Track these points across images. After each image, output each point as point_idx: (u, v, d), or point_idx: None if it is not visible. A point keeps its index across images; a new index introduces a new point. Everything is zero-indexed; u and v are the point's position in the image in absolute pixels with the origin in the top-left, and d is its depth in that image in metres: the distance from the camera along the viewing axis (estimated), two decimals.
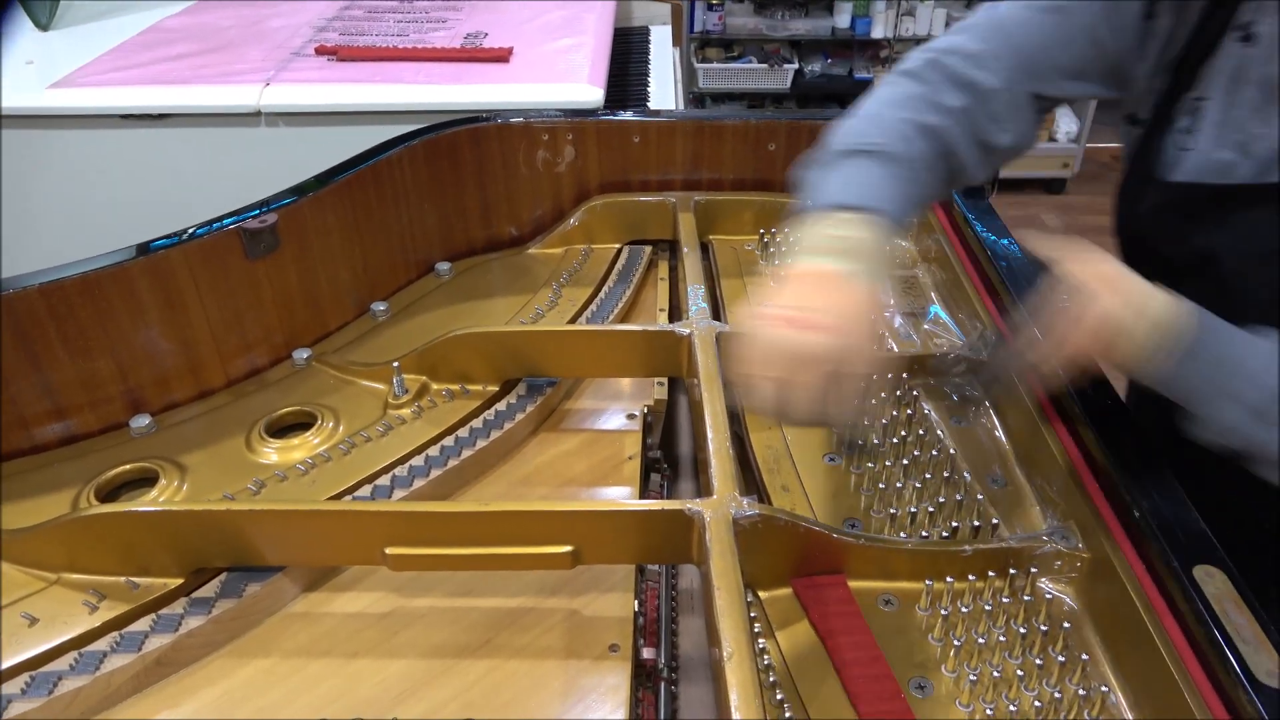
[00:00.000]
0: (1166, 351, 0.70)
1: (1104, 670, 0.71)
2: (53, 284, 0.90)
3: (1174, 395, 0.73)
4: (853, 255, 0.73)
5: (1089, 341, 0.72)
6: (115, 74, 1.58)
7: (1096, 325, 0.70)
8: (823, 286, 0.72)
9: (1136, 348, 0.70)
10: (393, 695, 0.74)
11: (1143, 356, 0.70)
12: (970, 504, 0.84)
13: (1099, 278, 0.71)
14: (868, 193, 0.76)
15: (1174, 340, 0.69)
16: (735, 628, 0.65)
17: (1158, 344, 0.70)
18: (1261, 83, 0.71)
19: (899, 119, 0.82)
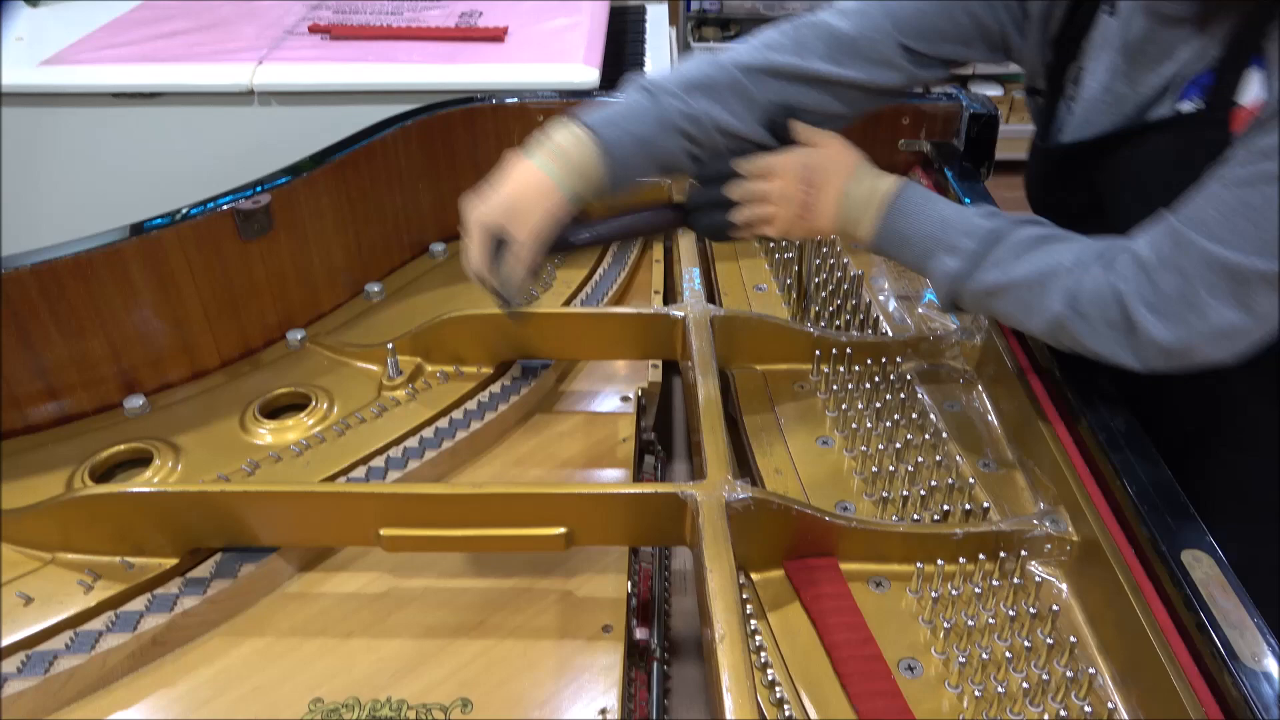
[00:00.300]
0: (889, 213, 0.83)
1: (1092, 652, 0.72)
2: (45, 264, 0.90)
3: (903, 258, 0.84)
4: (554, 158, 0.85)
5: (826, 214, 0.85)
6: (107, 51, 1.56)
7: (833, 198, 0.84)
8: (514, 173, 0.85)
9: (861, 211, 0.84)
10: (387, 675, 0.74)
11: (868, 220, 0.84)
12: (962, 487, 0.85)
13: (838, 157, 0.85)
14: (606, 118, 0.86)
15: (893, 201, 0.83)
16: (727, 610, 0.65)
17: (880, 207, 0.83)
18: (1122, 48, 0.81)
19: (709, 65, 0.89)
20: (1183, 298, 0.70)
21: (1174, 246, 0.71)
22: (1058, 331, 0.77)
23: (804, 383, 1.01)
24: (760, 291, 1.17)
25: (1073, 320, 0.75)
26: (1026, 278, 0.77)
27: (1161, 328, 0.71)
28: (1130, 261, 0.73)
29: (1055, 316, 0.76)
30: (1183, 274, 0.70)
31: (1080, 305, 0.74)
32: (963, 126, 1.28)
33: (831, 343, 1.00)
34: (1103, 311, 0.73)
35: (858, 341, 1.01)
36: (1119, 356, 0.74)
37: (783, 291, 1.17)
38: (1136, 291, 0.72)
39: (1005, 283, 0.78)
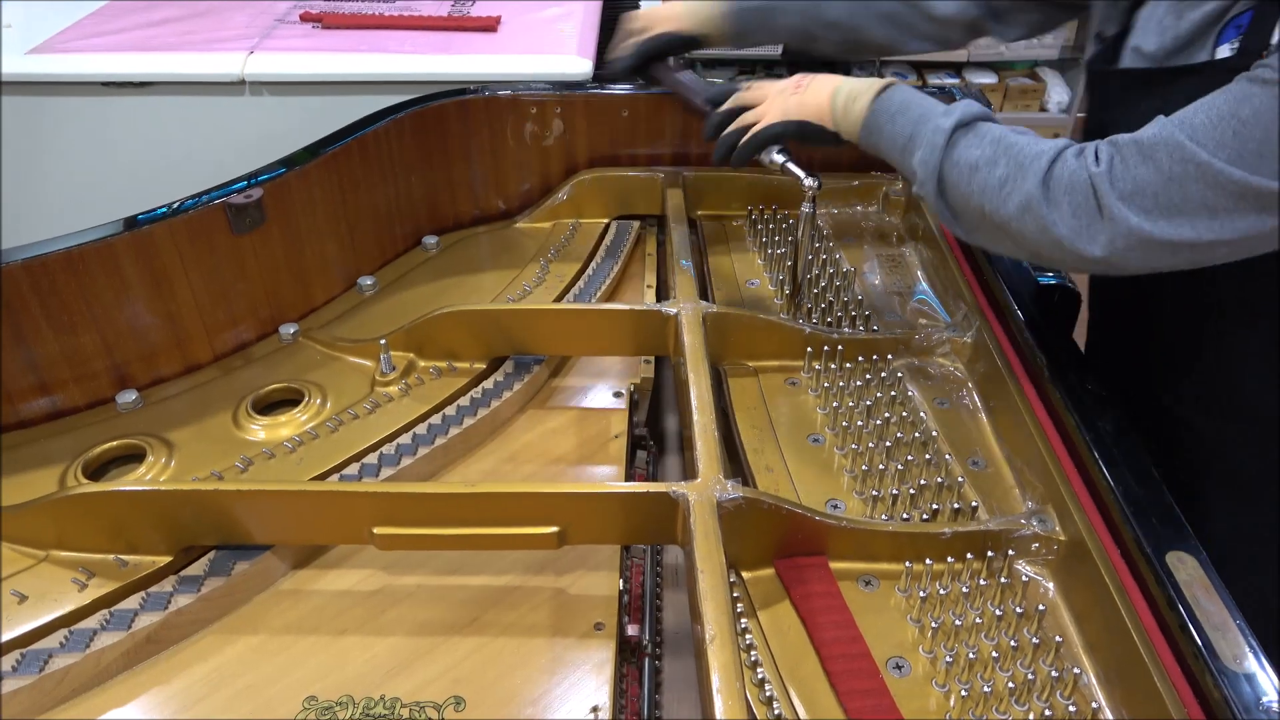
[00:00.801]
0: (883, 92, 0.90)
1: (1077, 652, 0.73)
2: (36, 259, 0.90)
3: (892, 136, 0.89)
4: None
5: (820, 93, 0.95)
6: (97, 39, 1.55)
7: (826, 85, 0.95)
8: None
9: (856, 93, 0.92)
10: (381, 672, 0.75)
11: (862, 99, 0.91)
12: (951, 485, 0.86)
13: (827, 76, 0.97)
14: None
15: (888, 86, 0.91)
16: (718, 610, 0.66)
17: (874, 88, 0.91)
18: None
19: None
20: (1155, 190, 0.71)
21: (1158, 140, 0.72)
22: (1024, 214, 0.78)
23: (795, 379, 1.02)
24: (753, 286, 1.18)
25: (1041, 203, 0.76)
26: (1007, 152, 0.79)
27: (1129, 216, 0.72)
28: (1107, 149, 0.75)
29: (1026, 195, 0.77)
30: (1159, 168, 0.71)
31: (1053, 189, 0.76)
32: None
33: (823, 339, 1.01)
34: (1072, 195, 0.75)
35: (849, 338, 1.02)
36: (1079, 243, 0.75)
37: (775, 286, 1.17)
38: (1107, 174, 0.73)
39: (989, 155, 0.80)
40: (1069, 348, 0.90)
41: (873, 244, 1.26)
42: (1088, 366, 0.87)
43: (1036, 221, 0.77)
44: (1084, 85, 1.06)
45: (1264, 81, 0.67)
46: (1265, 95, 0.67)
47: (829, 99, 0.95)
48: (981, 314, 1.01)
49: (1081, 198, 0.75)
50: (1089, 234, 0.75)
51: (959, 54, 3.80)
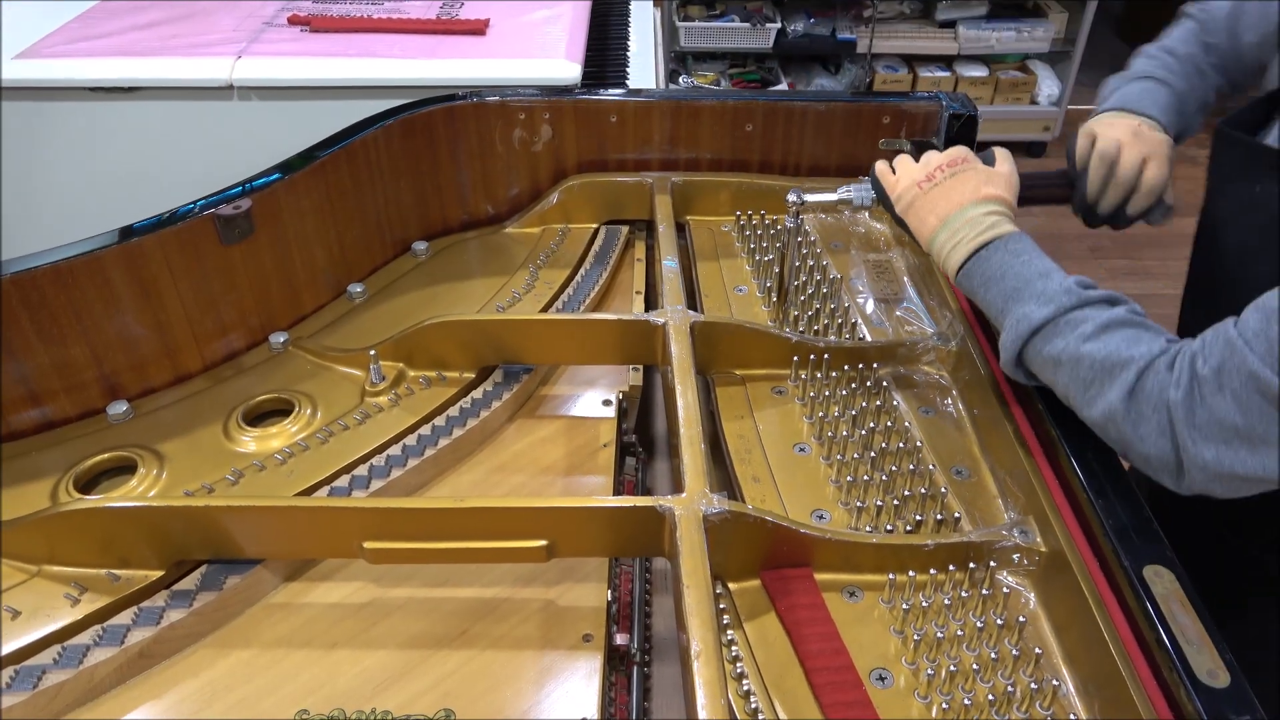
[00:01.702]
0: (994, 244, 0.84)
1: (1057, 663, 0.74)
2: (25, 273, 0.90)
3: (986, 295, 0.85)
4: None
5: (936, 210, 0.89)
6: (83, 44, 1.55)
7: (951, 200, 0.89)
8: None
9: (966, 230, 0.86)
10: (372, 686, 0.76)
11: (969, 241, 0.86)
12: (934, 495, 0.87)
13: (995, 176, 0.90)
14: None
15: (1003, 237, 0.84)
16: (703, 626, 0.67)
17: (986, 234, 0.85)
18: None
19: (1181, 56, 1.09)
20: (1223, 420, 0.67)
21: (1225, 357, 0.67)
22: (1108, 424, 0.74)
23: (782, 388, 1.03)
24: (740, 293, 1.19)
25: (1126, 417, 0.72)
26: (1094, 355, 0.74)
27: (1202, 448, 0.68)
28: (1187, 368, 0.70)
29: (1110, 407, 0.73)
30: (1235, 397, 0.66)
31: (1138, 404, 0.72)
32: (942, 126, 1.28)
33: (809, 348, 1.02)
34: (1156, 417, 0.71)
35: (835, 347, 1.03)
36: (1162, 475, 0.72)
37: (763, 293, 1.18)
38: (1184, 403, 0.69)
39: (1075, 354, 0.76)
40: None
41: (860, 249, 1.26)
42: None
43: (1118, 432, 0.74)
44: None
45: None
46: None
47: (932, 232, 0.89)
48: (966, 322, 1.02)
49: (1162, 422, 0.70)
50: (1168, 470, 0.71)
51: (949, 47, 3.81)
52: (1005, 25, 3.80)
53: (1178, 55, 1.11)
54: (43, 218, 1.57)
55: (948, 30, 3.83)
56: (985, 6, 3.82)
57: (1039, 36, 3.81)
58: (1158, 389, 0.71)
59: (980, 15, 3.83)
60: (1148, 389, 0.72)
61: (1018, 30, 3.80)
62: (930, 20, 3.87)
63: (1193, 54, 1.10)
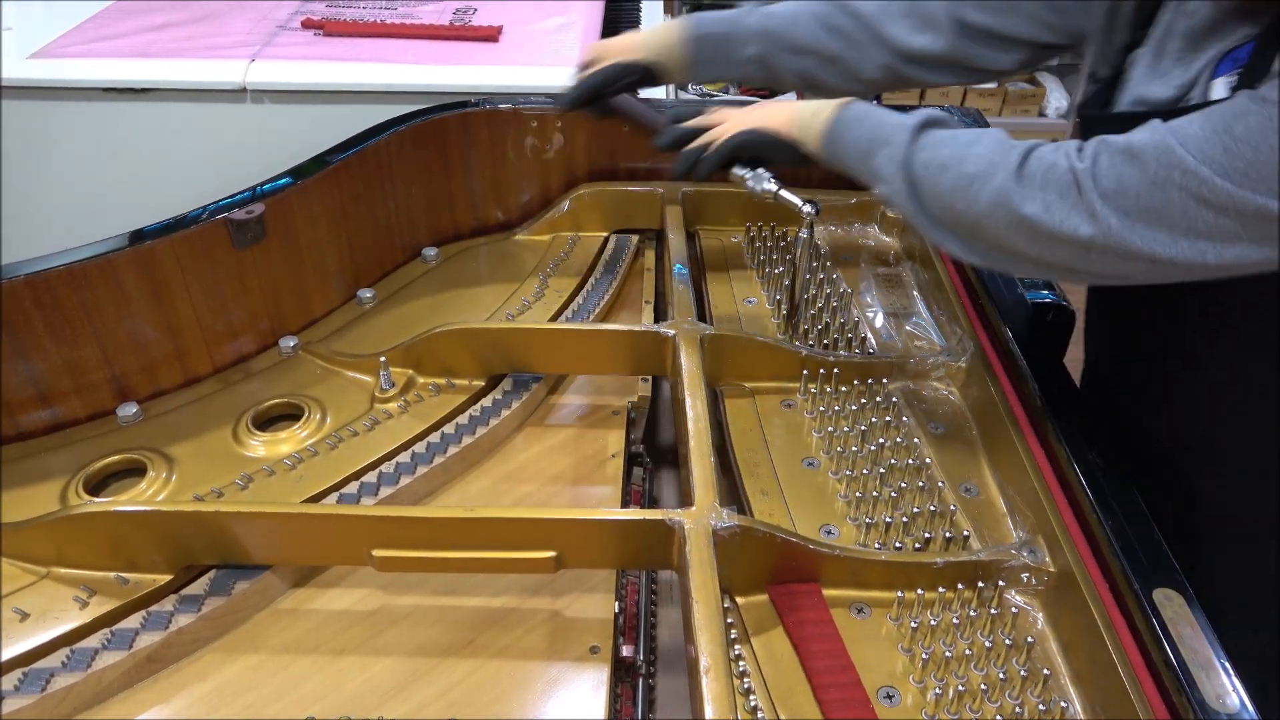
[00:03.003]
0: (844, 107, 0.91)
1: (1064, 684, 0.74)
2: (39, 274, 0.90)
3: (853, 148, 0.89)
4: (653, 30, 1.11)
5: (781, 111, 0.96)
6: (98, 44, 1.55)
7: (786, 105, 0.97)
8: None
9: (815, 111, 0.93)
10: (379, 694, 0.76)
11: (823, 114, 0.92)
12: (943, 513, 0.87)
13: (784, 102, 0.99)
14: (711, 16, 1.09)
15: (847, 101, 0.92)
16: (712, 641, 0.67)
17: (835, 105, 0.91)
18: (1184, 34, 0.82)
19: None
20: (1137, 192, 0.70)
21: (1148, 143, 0.70)
22: (996, 208, 0.76)
23: (791, 401, 1.03)
24: (750, 305, 1.19)
25: (1013, 193, 0.75)
26: (977, 151, 0.78)
27: (1109, 214, 0.71)
28: (1094, 145, 0.73)
29: (998, 190, 0.76)
30: (1145, 170, 0.69)
31: (1025, 180, 0.75)
32: None
33: (819, 362, 1.02)
34: (1047, 188, 0.73)
35: (845, 361, 1.03)
36: (1062, 227, 0.73)
37: (772, 305, 1.18)
38: (1090, 170, 0.72)
39: (960, 154, 0.79)
40: (1062, 376, 0.92)
41: (870, 263, 1.27)
42: (1080, 396, 0.88)
43: (1009, 214, 0.75)
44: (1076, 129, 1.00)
45: (1263, 100, 0.66)
46: (1262, 114, 0.66)
47: (791, 114, 0.96)
48: (976, 338, 1.03)
49: (1061, 188, 0.73)
50: (1070, 220, 0.73)
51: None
52: None
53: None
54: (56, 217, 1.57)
55: None
56: None
57: None
58: (1046, 164, 0.74)
59: None
60: (1033, 167, 0.75)
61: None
62: None
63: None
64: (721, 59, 1.08)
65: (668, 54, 1.08)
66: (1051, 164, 0.74)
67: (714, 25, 1.07)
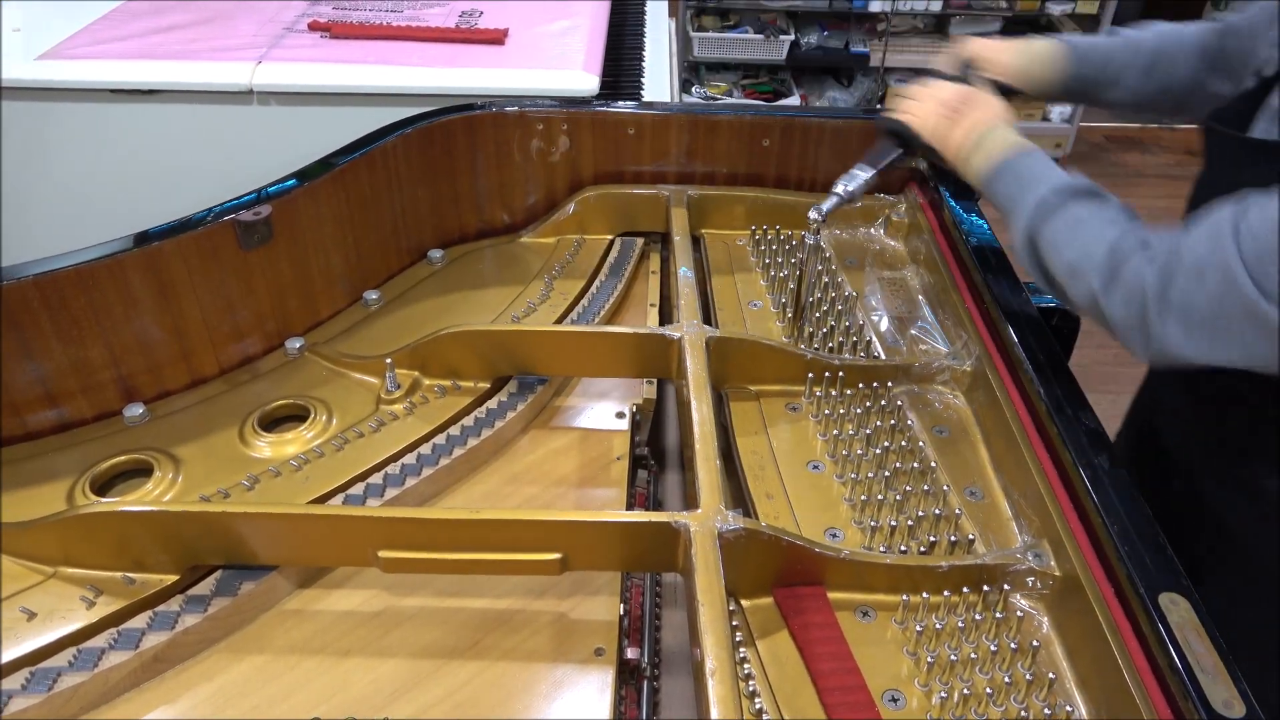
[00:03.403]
0: (1016, 151, 0.94)
1: (1070, 688, 0.74)
2: (47, 275, 0.91)
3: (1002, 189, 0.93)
4: None
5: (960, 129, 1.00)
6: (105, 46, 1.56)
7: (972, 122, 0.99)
8: None
9: (990, 143, 0.96)
10: (384, 695, 0.76)
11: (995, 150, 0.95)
12: (948, 517, 0.87)
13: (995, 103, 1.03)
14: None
15: (1024, 146, 0.94)
16: (718, 644, 0.67)
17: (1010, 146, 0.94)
18: None
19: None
20: (1200, 316, 0.73)
21: (1210, 261, 0.72)
22: (1092, 307, 0.82)
23: (796, 404, 1.03)
24: (755, 308, 1.19)
25: (1102, 300, 0.80)
26: (1080, 238, 0.82)
27: (1169, 334, 0.75)
28: (1165, 262, 0.75)
29: (1090, 291, 0.81)
30: (1208, 292, 0.72)
31: (1111, 290, 0.79)
32: None
33: (824, 365, 1.02)
34: (1128, 305, 0.78)
35: (850, 364, 1.03)
36: (1128, 342, 0.79)
37: (777, 309, 1.18)
38: (1158, 293, 0.75)
39: (1065, 239, 0.84)
40: (1067, 380, 0.91)
41: (875, 266, 1.27)
42: (1085, 400, 0.88)
43: (1097, 312, 0.81)
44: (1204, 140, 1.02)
45: None
46: None
47: (961, 139, 0.99)
48: (981, 342, 1.03)
49: (1137, 309, 0.77)
50: (1135, 339, 0.78)
51: None
52: None
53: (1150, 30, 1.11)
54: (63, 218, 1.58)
55: None
56: (999, 23, 3.83)
57: None
58: (1130, 275, 0.78)
59: (994, 31, 3.84)
60: (1123, 277, 0.79)
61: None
62: (943, 35, 3.88)
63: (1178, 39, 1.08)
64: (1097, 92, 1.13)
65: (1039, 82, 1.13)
66: (1133, 276, 0.77)
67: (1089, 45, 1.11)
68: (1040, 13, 3.78)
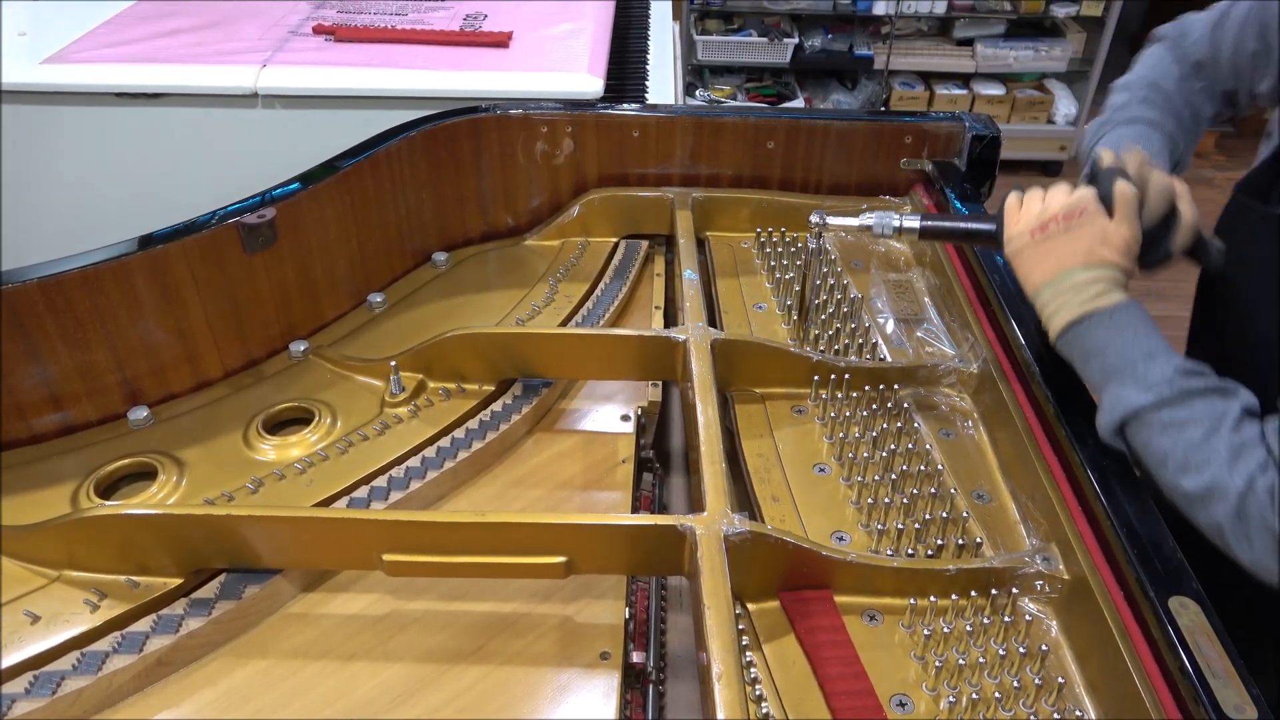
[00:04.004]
0: (1101, 312, 0.80)
1: (1079, 693, 0.73)
2: (51, 278, 0.90)
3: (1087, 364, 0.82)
4: None
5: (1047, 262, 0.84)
6: (110, 50, 1.56)
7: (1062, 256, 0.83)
8: None
9: (1074, 291, 0.82)
10: (389, 699, 0.76)
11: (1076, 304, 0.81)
12: (956, 520, 0.86)
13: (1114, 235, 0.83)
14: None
15: (1113, 306, 0.80)
16: (724, 648, 0.66)
17: (1094, 300, 0.81)
18: None
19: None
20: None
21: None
22: (1217, 534, 0.73)
23: (802, 407, 1.03)
24: (760, 311, 1.18)
25: (1233, 533, 0.72)
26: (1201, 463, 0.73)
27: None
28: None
29: (1216, 523, 0.73)
30: None
31: (1246, 525, 0.71)
32: (965, 147, 1.28)
33: (830, 368, 1.02)
34: (1264, 536, 0.70)
35: (856, 367, 1.02)
36: (1258, 569, 0.71)
37: (782, 311, 1.18)
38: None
39: (1179, 460, 0.74)
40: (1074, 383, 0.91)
41: (880, 269, 1.26)
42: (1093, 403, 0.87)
43: (1224, 542, 0.73)
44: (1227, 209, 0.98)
45: None
46: None
47: (1035, 289, 0.85)
48: (988, 344, 1.02)
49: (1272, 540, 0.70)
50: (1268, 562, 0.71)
51: (967, 65, 3.82)
52: (1023, 44, 3.81)
53: (1162, 90, 1.05)
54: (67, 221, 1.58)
55: (965, 48, 3.83)
56: (1003, 25, 3.83)
57: (1056, 56, 3.82)
58: (1262, 507, 0.70)
59: (998, 34, 3.83)
60: (1254, 511, 0.71)
61: (1035, 49, 3.80)
62: (948, 38, 3.87)
63: (1178, 85, 1.05)
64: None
65: None
66: (1266, 507, 0.70)
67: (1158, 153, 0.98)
68: (1045, 14, 3.77)
